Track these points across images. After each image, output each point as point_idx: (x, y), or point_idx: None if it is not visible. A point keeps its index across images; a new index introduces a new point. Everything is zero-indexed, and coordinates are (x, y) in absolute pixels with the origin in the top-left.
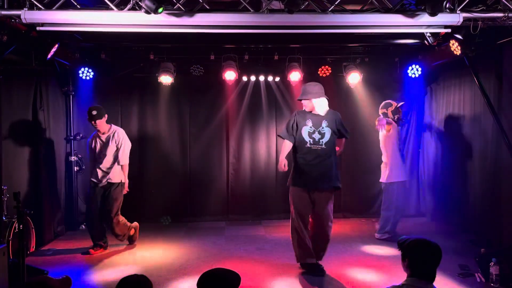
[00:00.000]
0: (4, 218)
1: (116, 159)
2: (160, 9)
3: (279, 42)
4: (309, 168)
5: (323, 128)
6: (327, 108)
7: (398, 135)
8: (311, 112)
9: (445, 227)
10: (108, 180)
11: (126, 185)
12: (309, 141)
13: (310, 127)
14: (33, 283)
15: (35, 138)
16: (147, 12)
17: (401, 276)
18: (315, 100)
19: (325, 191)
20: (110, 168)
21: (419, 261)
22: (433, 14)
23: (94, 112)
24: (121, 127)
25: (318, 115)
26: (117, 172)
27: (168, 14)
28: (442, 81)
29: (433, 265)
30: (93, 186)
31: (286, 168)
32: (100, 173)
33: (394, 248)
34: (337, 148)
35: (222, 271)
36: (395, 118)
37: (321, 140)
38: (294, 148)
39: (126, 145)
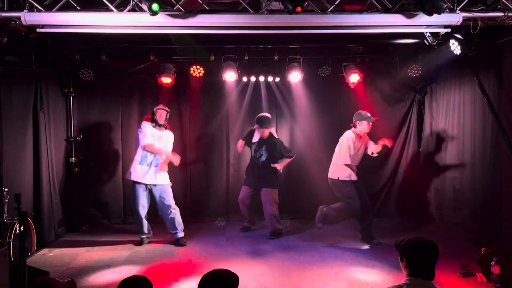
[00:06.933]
0: (5, 219)
1: None
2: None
3: (279, 42)
4: None
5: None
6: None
7: None
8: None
9: (446, 227)
10: None
11: None
12: None
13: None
14: (39, 284)
15: (35, 140)
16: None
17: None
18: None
19: None
20: None
21: (416, 260)
22: (430, 14)
23: None
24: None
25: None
26: None
27: (168, 15)
28: (442, 81)
29: (431, 263)
30: None
31: None
32: None
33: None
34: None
35: (220, 272)
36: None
37: None
38: None
39: None
